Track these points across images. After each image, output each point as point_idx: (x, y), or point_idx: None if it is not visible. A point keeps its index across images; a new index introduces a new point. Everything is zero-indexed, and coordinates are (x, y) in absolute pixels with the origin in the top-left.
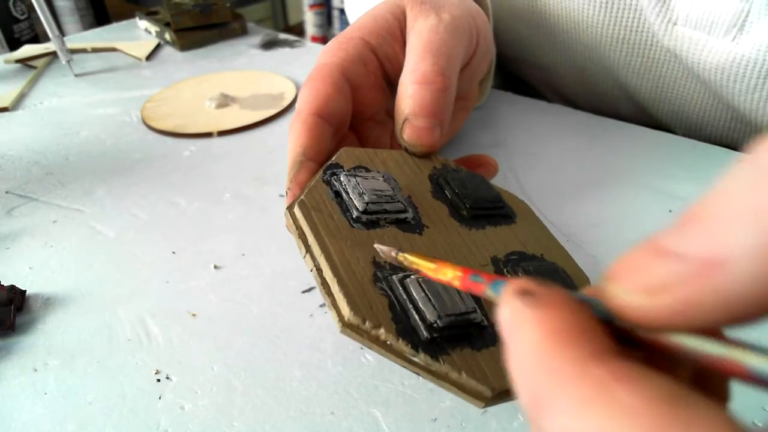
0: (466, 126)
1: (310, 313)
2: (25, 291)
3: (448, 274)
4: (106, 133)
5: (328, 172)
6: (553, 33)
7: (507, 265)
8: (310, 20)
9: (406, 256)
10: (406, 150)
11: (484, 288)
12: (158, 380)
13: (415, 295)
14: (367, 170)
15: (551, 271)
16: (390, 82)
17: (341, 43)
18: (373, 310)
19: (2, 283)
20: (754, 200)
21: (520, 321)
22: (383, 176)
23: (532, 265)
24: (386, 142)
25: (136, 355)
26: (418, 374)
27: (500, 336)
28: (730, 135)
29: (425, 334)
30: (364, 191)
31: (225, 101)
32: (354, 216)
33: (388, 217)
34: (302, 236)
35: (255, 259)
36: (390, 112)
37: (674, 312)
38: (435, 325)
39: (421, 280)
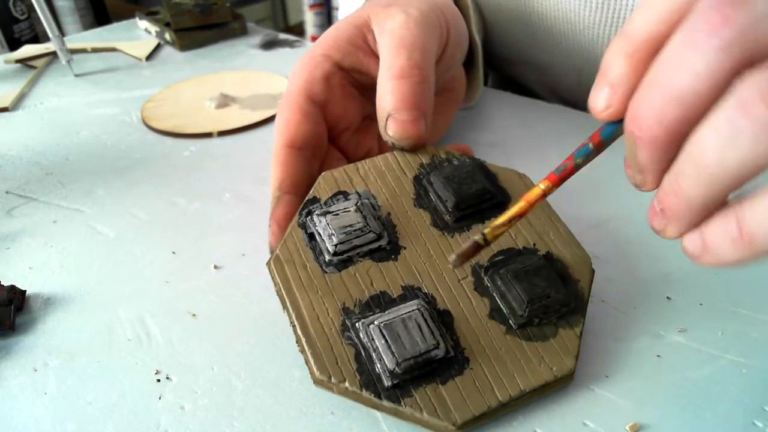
0: (466, 126)
1: None
2: (25, 291)
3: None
4: (106, 133)
5: (304, 212)
6: (551, 34)
7: (488, 272)
8: (310, 20)
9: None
10: (393, 146)
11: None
12: (158, 380)
13: (376, 342)
14: (346, 196)
15: (536, 268)
16: (362, 88)
17: (305, 64)
18: (338, 365)
19: (2, 283)
20: None
21: None
22: (357, 203)
23: (514, 269)
24: (369, 144)
25: (136, 355)
26: (388, 414)
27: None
28: None
29: (387, 382)
30: (333, 232)
31: (225, 101)
32: (326, 260)
33: (360, 250)
34: (279, 292)
35: (255, 259)
36: (368, 116)
37: None
38: (395, 371)
39: (382, 325)
